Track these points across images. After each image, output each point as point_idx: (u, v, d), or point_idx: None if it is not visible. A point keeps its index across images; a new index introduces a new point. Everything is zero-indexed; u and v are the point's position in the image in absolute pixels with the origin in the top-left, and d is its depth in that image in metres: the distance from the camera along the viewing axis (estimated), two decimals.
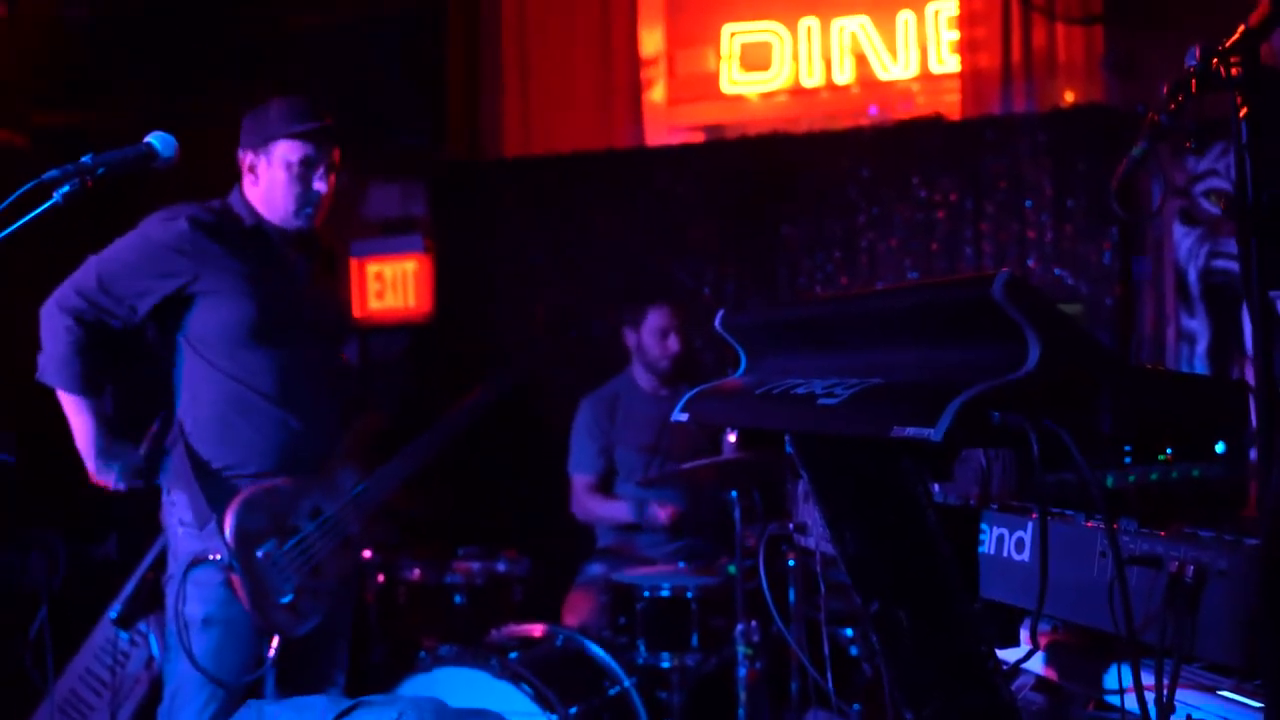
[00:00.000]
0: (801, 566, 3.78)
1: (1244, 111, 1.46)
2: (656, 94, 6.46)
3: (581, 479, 4.75)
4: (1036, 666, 1.89)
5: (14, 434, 3.52)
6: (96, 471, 3.13)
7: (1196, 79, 1.50)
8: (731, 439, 4.41)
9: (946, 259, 5.49)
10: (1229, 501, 1.81)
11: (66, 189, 2.17)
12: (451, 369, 5.97)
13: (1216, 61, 1.48)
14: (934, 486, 1.90)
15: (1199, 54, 1.49)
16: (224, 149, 3.28)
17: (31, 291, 3.12)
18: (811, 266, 5.71)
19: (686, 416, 2.12)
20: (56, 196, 2.17)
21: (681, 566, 4.30)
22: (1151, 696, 1.53)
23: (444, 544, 4.71)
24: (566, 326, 5.98)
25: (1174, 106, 1.54)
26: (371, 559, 4.54)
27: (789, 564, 3.84)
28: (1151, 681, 1.54)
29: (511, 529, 5.19)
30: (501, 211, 6.16)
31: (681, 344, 4.72)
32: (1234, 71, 1.47)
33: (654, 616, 3.99)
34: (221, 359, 3.15)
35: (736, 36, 6.25)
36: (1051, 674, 1.87)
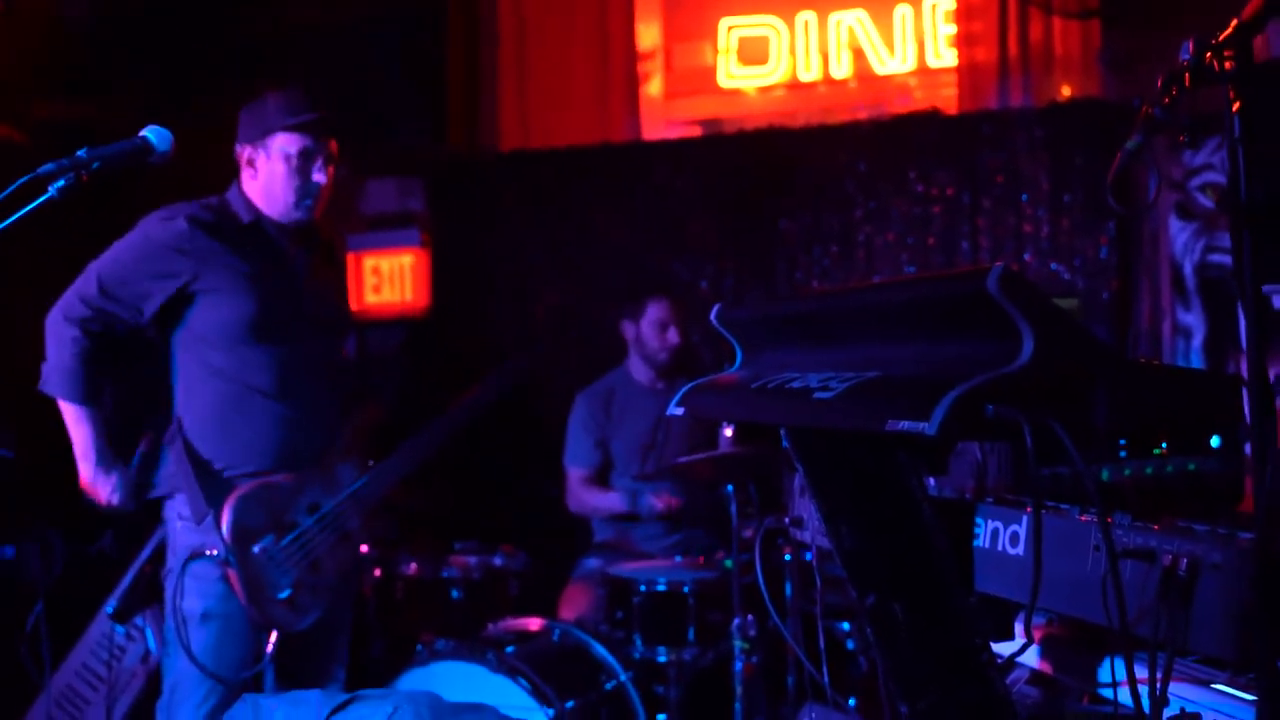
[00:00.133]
0: (798, 560, 3.78)
1: (1237, 106, 1.47)
2: (654, 88, 6.46)
3: (577, 472, 4.75)
4: (1031, 660, 1.89)
5: (11, 429, 3.52)
6: (92, 480, 3.13)
7: (1190, 73, 1.50)
8: (728, 433, 4.42)
9: (943, 253, 5.49)
10: (1224, 495, 1.81)
11: (62, 183, 2.16)
12: (448, 363, 5.97)
13: (1210, 55, 1.48)
14: (929, 480, 1.91)
15: (1192, 48, 1.49)
16: (223, 144, 3.28)
17: (31, 289, 3.12)
18: (809, 261, 5.71)
19: (682, 410, 2.12)
20: (52, 190, 2.16)
21: (678, 561, 4.31)
22: (1145, 690, 1.54)
23: (441, 539, 4.71)
24: (564, 321, 5.98)
25: (1168, 100, 1.54)
26: (368, 554, 4.53)
27: (785, 558, 3.84)
28: (1145, 675, 1.54)
29: (508, 523, 5.19)
30: (498, 206, 6.16)
31: (681, 336, 4.72)
32: (1227, 66, 1.48)
33: (651, 611, 4.00)
34: (221, 356, 3.15)
35: (734, 30, 6.25)
36: (1046, 667, 1.88)
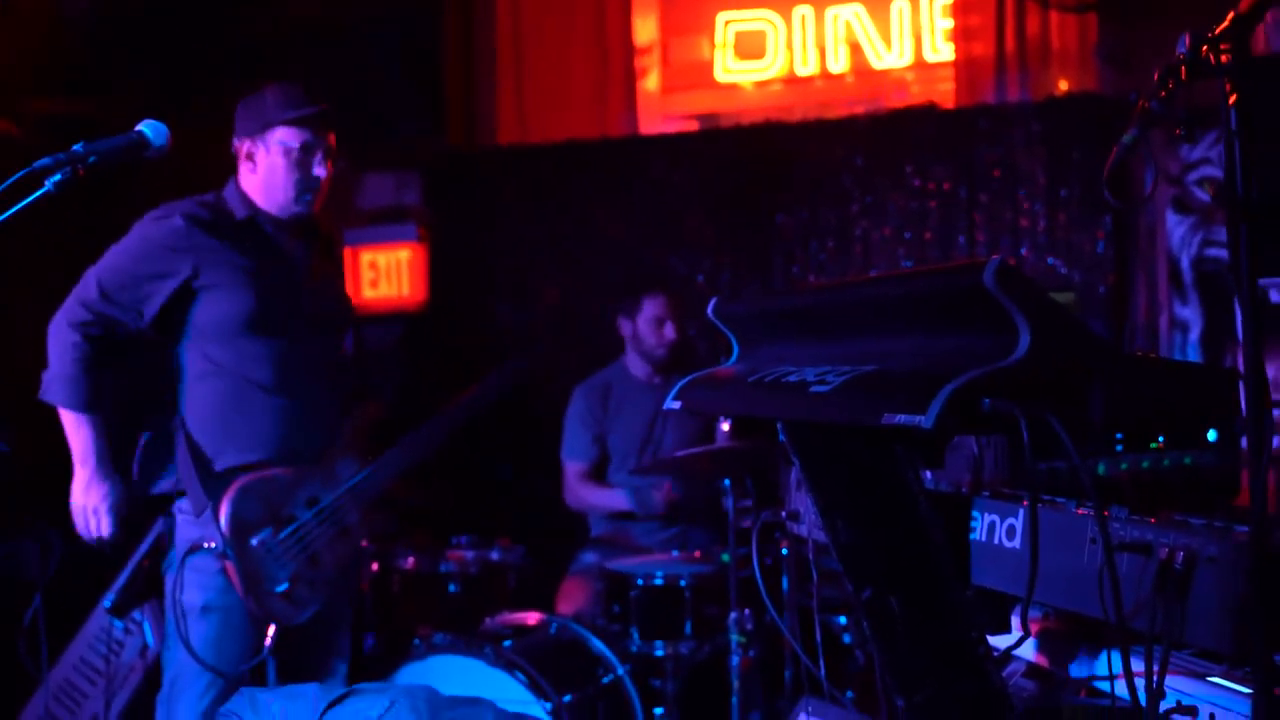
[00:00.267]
0: (794, 554, 3.78)
1: (1234, 99, 1.46)
2: (651, 82, 6.45)
3: (574, 466, 4.75)
4: (1027, 653, 1.90)
5: (9, 425, 3.51)
6: (85, 489, 3.11)
7: (1186, 66, 1.50)
8: (725, 427, 4.42)
9: (940, 248, 5.49)
10: (1220, 489, 1.81)
11: (58, 177, 2.16)
12: (445, 358, 5.97)
13: (1206, 49, 1.48)
14: (926, 474, 1.91)
15: (1189, 41, 1.49)
16: (223, 144, 3.26)
17: (29, 286, 3.11)
18: (805, 255, 5.71)
19: (679, 405, 2.12)
20: (48, 185, 2.16)
21: (675, 555, 4.31)
22: (1141, 683, 1.54)
23: (438, 533, 4.71)
24: (561, 315, 5.98)
25: (1164, 94, 1.54)
26: (366, 548, 4.53)
27: (782, 552, 3.84)
28: (1141, 668, 1.54)
29: (505, 518, 5.18)
30: (496, 200, 6.15)
31: (677, 332, 4.72)
32: (1224, 59, 1.47)
33: (648, 605, 4.00)
34: (220, 350, 3.14)
35: (731, 25, 6.24)
36: (1042, 660, 1.88)
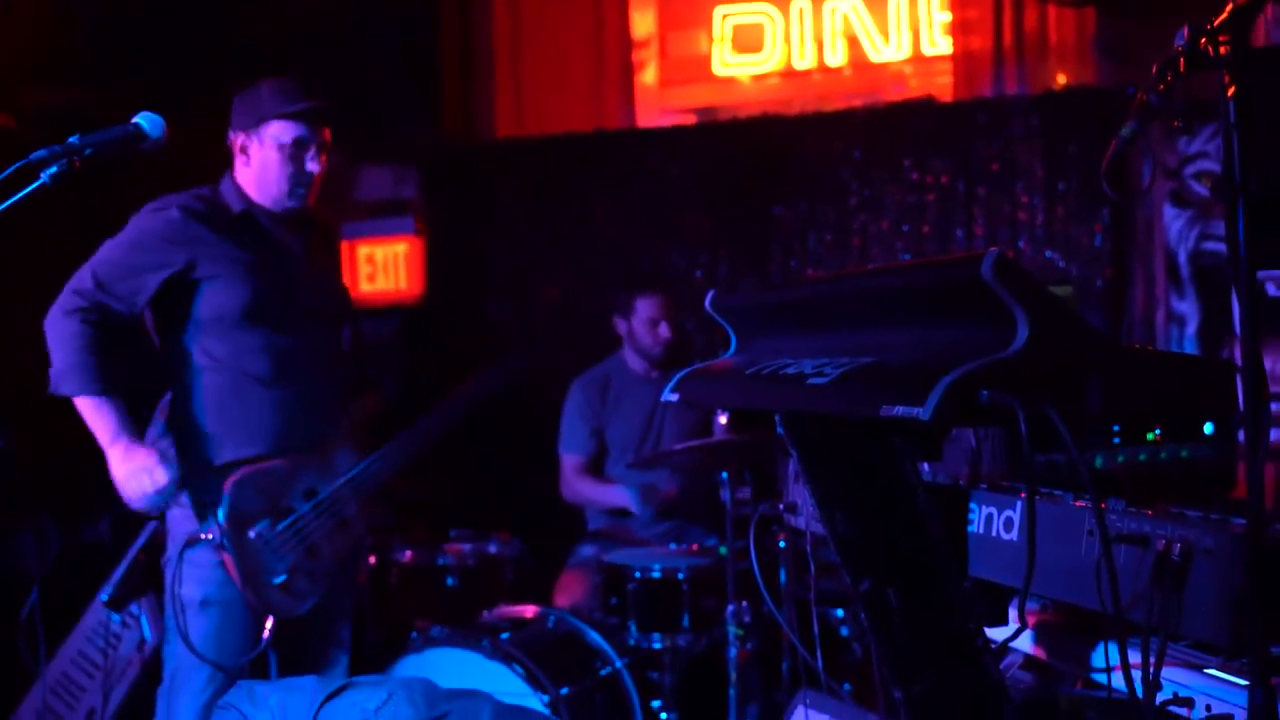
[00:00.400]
0: (792, 547, 3.78)
1: (1233, 91, 1.46)
2: (648, 76, 6.44)
3: (571, 460, 4.75)
4: (1025, 645, 1.90)
5: (7, 420, 3.51)
6: (126, 456, 3.02)
7: (1185, 58, 1.50)
8: (723, 420, 4.42)
9: (938, 241, 5.49)
10: (1217, 481, 1.82)
11: (54, 170, 2.15)
12: (443, 351, 5.97)
13: (1205, 41, 1.47)
14: (924, 466, 1.91)
15: (1188, 33, 1.49)
16: (223, 143, 3.26)
17: (27, 283, 3.11)
18: (803, 249, 5.71)
19: (677, 397, 2.12)
20: (44, 177, 2.16)
21: (673, 548, 4.31)
22: (1138, 674, 1.54)
23: (436, 526, 4.71)
24: (559, 308, 5.98)
25: (1163, 86, 1.54)
26: (365, 540, 4.53)
27: (780, 544, 3.85)
28: (1138, 659, 1.55)
29: (503, 511, 5.19)
30: (493, 194, 6.15)
31: (673, 330, 4.71)
32: (1223, 51, 1.47)
33: (645, 597, 4.00)
34: (217, 343, 3.14)
35: (728, 18, 6.24)
36: (1040, 652, 1.89)
